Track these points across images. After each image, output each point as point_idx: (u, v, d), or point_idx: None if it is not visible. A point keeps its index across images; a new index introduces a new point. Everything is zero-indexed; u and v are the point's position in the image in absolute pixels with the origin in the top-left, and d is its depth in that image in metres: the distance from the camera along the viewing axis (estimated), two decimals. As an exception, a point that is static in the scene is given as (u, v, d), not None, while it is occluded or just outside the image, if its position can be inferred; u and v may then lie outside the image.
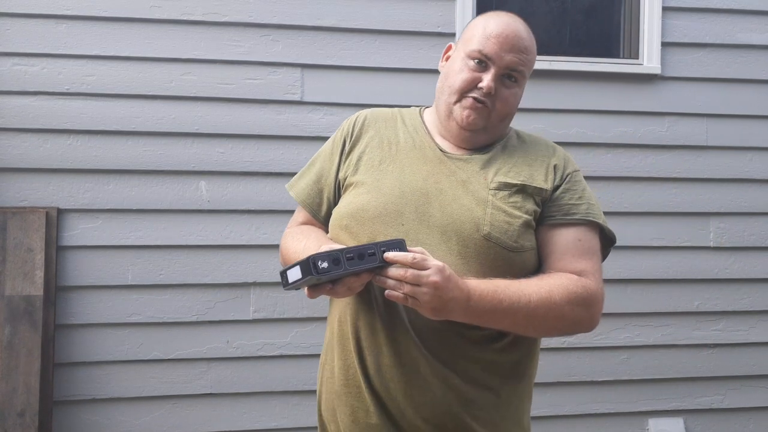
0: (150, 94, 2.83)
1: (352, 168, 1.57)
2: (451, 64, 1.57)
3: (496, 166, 1.53)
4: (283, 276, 1.31)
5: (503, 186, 1.50)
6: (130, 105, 2.82)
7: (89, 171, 2.79)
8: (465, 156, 1.55)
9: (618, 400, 3.14)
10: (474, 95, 1.52)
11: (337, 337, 1.52)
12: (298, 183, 1.69)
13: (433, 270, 1.29)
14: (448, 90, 1.55)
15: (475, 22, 1.59)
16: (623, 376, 3.14)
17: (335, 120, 2.86)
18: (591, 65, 3.13)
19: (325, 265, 1.26)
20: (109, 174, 2.80)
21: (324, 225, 1.62)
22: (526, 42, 1.54)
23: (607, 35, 3.29)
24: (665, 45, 3.16)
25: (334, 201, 1.60)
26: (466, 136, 1.55)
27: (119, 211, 2.80)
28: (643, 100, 3.16)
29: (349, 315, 1.49)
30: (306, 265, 1.26)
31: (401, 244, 1.32)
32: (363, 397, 1.47)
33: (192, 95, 2.86)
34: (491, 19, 1.55)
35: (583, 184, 1.58)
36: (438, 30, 3.01)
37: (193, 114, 2.86)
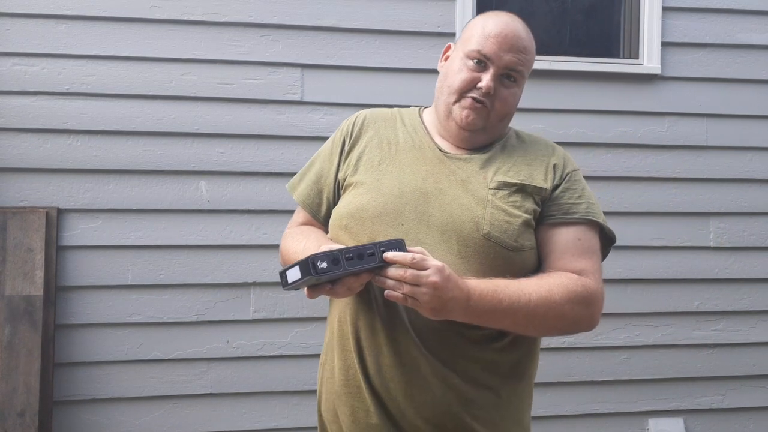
0: (150, 94, 2.83)
1: (351, 168, 1.57)
2: (450, 64, 1.57)
3: (495, 165, 1.53)
4: (283, 276, 1.31)
5: (503, 185, 1.50)
6: (130, 105, 2.82)
7: (89, 171, 2.79)
8: (464, 156, 1.55)
9: (618, 400, 3.14)
10: (473, 95, 1.52)
11: (337, 338, 1.52)
12: (297, 184, 1.69)
13: (433, 270, 1.28)
14: (447, 90, 1.55)
15: (474, 22, 1.59)
16: (623, 376, 3.14)
17: (335, 120, 2.86)
18: (591, 65, 3.12)
19: (325, 266, 1.26)
20: (109, 174, 2.80)
21: (324, 225, 1.62)
22: (525, 42, 1.54)
23: (607, 35, 3.28)
24: (665, 45, 3.16)
25: (333, 201, 1.60)
26: (465, 136, 1.55)
27: (119, 211, 2.80)
28: (643, 100, 3.16)
29: (349, 315, 1.49)
30: (305, 266, 1.25)
31: (401, 244, 1.31)
32: (363, 397, 1.47)
33: (192, 95, 2.86)
34: (490, 19, 1.55)
35: (583, 183, 1.58)
36: (438, 30, 3.01)
37: (193, 114, 2.86)
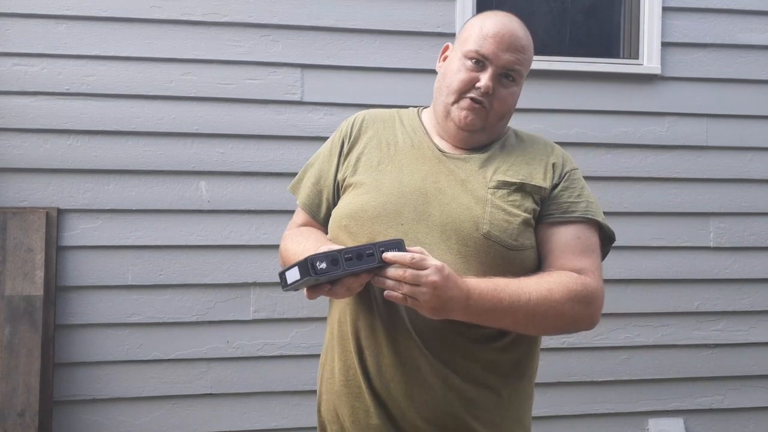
0: (150, 94, 2.83)
1: (350, 169, 1.57)
2: (449, 64, 1.57)
3: (494, 165, 1.53)
4: (282, 277, 1.31)
5: (502, 185, 1.50)
6: (130, 105, 2.82)
7: (89, 171, 2.79)
8: (463, 155, 1.55)
9: (618, 400, 3.13)
10: (472, 95, 1.52)
11: (337, 338, 1.52)
12: (298, 185, 1.69)
13: (432, 270, 1.28)
14: (445, 90, 1.55)
15: (472, 22, 1.59)
16: (623, 376, 3.14)
17: (335, 120, 2.86)
18: (591, 65, 3.12)
19: (324, 266, 1.25)
20: (109, 174, 2.80)
21: (323, 226, 1.62)
22: (523, 41, 1.54)
23: (607, 35, 3.28)
24: (665, 45, 3.15)
25: (333, 202, 1.60)
26: (464, 136, 1.55)
27: (119, 211, 2.80)
28: (643, 100, 3.16)
29: (349, 315, 1.48)
30: (304, 266, 1.25)
31: (400, 244, 1.31)
32: (363, 398, 1.46)
33: (192, 95, 2.86)
34: (488, 19, 1.55)
35: (582, 182, 1.58)
36: (438, 30, 3.01)
37: (193, 114, 2.86)
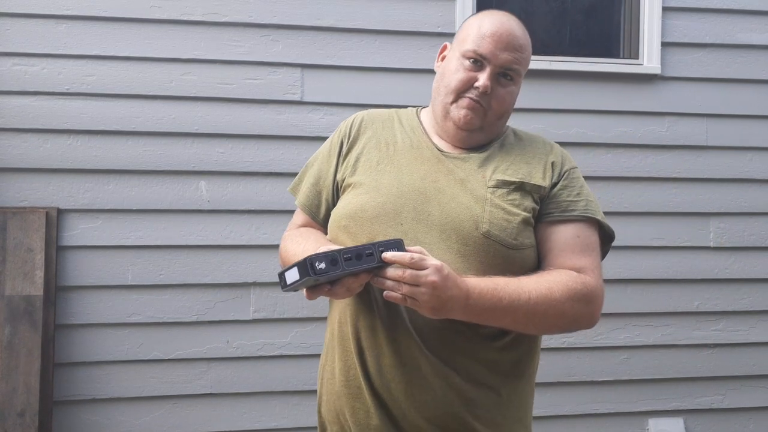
0: (150, 94, 2.83)
1: (350, 169, 1.57)
2: (447, 64, 1.57)
3: (494, 164, 1.53)
4: (281, 278, 1.30)
5: (501, 184, 1.50)
6: (130, 105, 2.82)
7: (89, 171, 2.79)
8: (463, 155, 1.55)
9: (618, 400, 3.13)
10: (470, 95, 1.52)
11: (338, 338, 1.52)
12: (297, 186, 1.69)
13: (432, 270, 1.28)
14: (444, 90, 1.55)
15: (470, 21, 1.59)
16: (623, 376, 3.13)
17: (335, 120, 2.86)
18: (591, 65, 3.12)
19: (323, 266, 1.25)
20: (109, 174, 2.80)
21: (323, 227, 1.62)
22: (521, 40, 1.54)
23: (607, 35, 3.28)
24: (665, 45, 3.15)
25: (332, 202, 1.60)
26: (463, 135, 1.55)
27: (119, 211, 2.80)
28: (643, 100, 3.16)
29: (349, 316, 1.48)
30: (303, 267, 1.25)
31: (399, 244, 1.31)
32: (364, 398, 1.46)
33: (192, 95, 2.86)
34: (486, 18, 1.55)
35: (581, 180, 1.58)
36: (438, 30, 3.01)
37: (193, 114, 2.86)
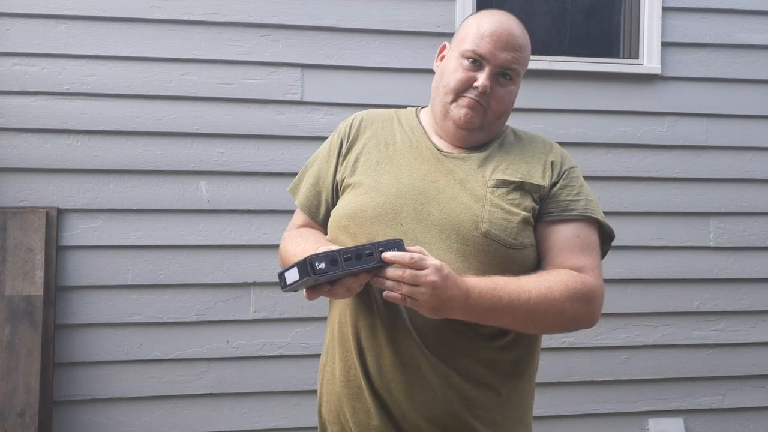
0: (150, 94, 2.83)
1: (349, 169, 1.57)
2: (446, 63, 1.57)
3: (493, 163, 1.53)
4: (281, 278, 1.30)
5: (501, 183, 1.50)
6: (130, 105, 2.82)
7: (89, 171, 2.79)
8: (462, 154, 1.55)
9: (618, 400, 3.13)
10: (469, 95, 1.51)
11: (338, 339, 1.52)
12: (297, 186, 1.69)
13: (431, 269, 1.28)
14: (443, 90, 1.55)
15: (469, 21, 1.59)
16: (623, 376, 3.13)
17: (335, 120, 2.86)
18: (591, 65, 3.12)
19: (323, 266, 1.25)
20: (109, 174, 2.80)
21: (323, 227, 1.62)
22: (520, 40, 1.53)
23: (607, 35, 3.28)
24: (665, 45, 3.15)
25: (332, 203, 1.60)
26: (462, 135, 1.55)
27: (119, 211, 2.80)
28: (643, 100, 3.16)
29: (349, 316, 1.48)
30: (303, 267, 1.25)
31: (399, 244, 1.31)
32: (364, 399, 1.46)
33: (192, 95, 2.86)
34: (484, 18, 1.55)
35: (581, 180, 1.58)
36: (438, 30, 3.01)
37: (193, 114, 2.86)
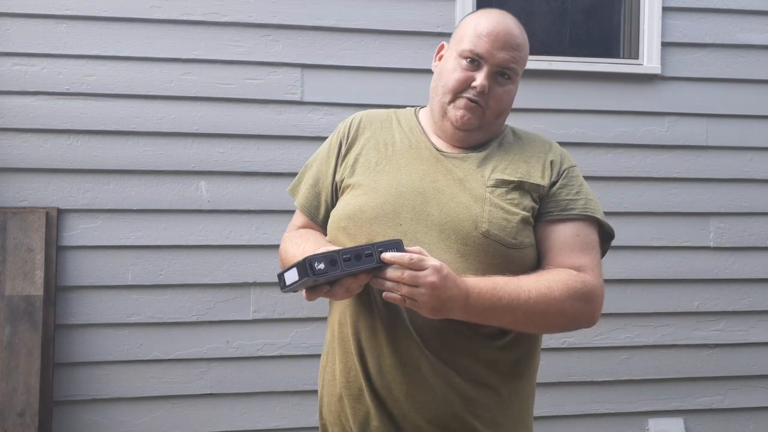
0: (150, 94, 2.83)
1: (348, 170, 1.57)
2: (444, 63, 1.57)
3: (492, 163, 1.53)
4: (281, 278, 1.30)
5: (500, 183, 1.49)
6: (130, 105, 2.82)
7: (89, 171, 2.79)
8: (461, 154, 1.55)
9: (618, 400, 3.13)
10: (468, 95, 1.51)
11: (338, 339, 1.51)
12: (296, 187, 1.69)
13: (431, 270, 1.28)
14: (441, 90, 1.55)
15: (467, 20, 1.58)
16: (623, 376, 3.13)
17: (335, 120, 2.86)
18: (591, 65, 3.12)
19: (322, 267, 1.25)
20: (109, 174, 2.80)
21: (323, 228, 1.61)
22: (518, 39, 1.53)
23: (607, 35, 3.28)
24: (665, 45, 3.15)
25: (331, 203, 1.60)
26: (461, 135, 1.55)
27: (119, 211, 2.80)
28: (643, 100, 3.15)
29: (349, 317, 1.48)
30: (302, 267, 1.25)
31: (399, 244, 1.30)
32: (364, 399, 1.46)
33: (192, 95, 2.86)
34: (482, 18, 1.55)
35: (581, 179, 1.57)
36: (438, 30, 3.01)
37: (193, 114, 2.86)
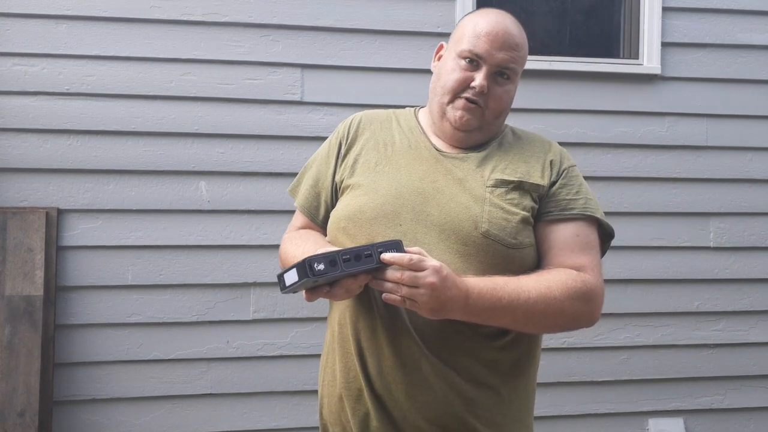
0: (150, 94, 2.83)
1: (348, 171, 1.57)
2: (443, 63, 1.57)
3: (492, 163, 1.53)
4: (280, 279, 1.30)
5: (500, 183, 1.49)
6: (130, 105, 2.82)
7: (89, 171, 2.79)
8: (461, 154, 1.55)
9: (618, 400, 3.13)
10: (466, 95, 1.51)
11: (338, 340, 1.51)
12: (296, 188, 1.69)
13: (430, 271, 1.28)
14: (440, 90, 1.55)
15: (465, 20, 1.58)
16: (623, 376, 3.13)
17: (335, 120, 2.86)
18: (591, 65, 3.12)
19: (321, 267, 1.25)
20: (109, 174, 2.80)
21: (323, 229, 1.61)
22: (517, 39, 1.53)
23: (607, 35, 3.28)
24: (665, 45, 3.15)
25: (331, 204, 1.60)
26: (460, 136, 1.54)
27: (119, 211, 2.80)
28: (643, 100, 3.15)
29: (349, 317, 1.48)
30: (302, 268, 1.25)
31: (398, 244, 1.30)
32: (364, 400, 1.46)
33: (192, 95, 2.86)
34: (481, 18, 1.54)
35: (580, 179, 1.57)
36: (438, 30, 3.00)
37: (193, 114, 2.86)
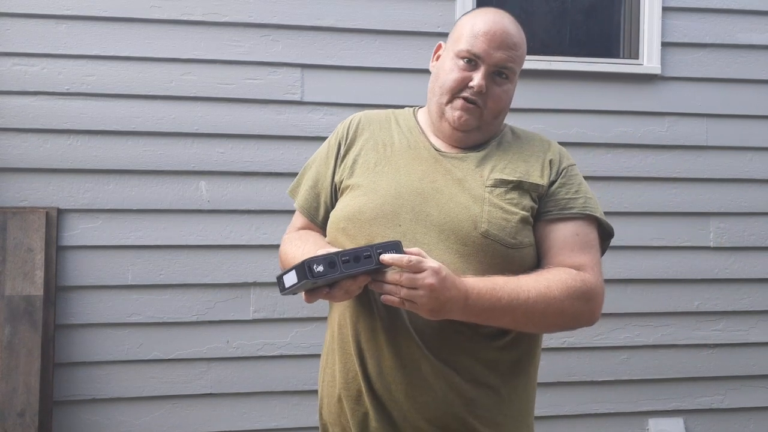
0: (150, 94, 2.83)
1: (347, 171, 1.57)
2: (441, 63, 1.57)
3: (491, 163, 1.53)
4: (280, 281, 1.30)
5: (499, 183, 1.49)
6: (130, 105, 2.82)
7: (89, 171, 2.79)
8: (460, 154, 1.54)
9: (618, 400, 3.13)
10: (465, 95, 1.51)
11: (338, 341, 1.51)
12: (296, 188, 1.69)
13: (429, 272, 1.28)
14: (439, 90, 1.55)
15: (463, 20, 1.58)
16: (623, 376, 3.14)
17: (335, 120, 2.85)
18: (591, 65, 3.12)
19: (321, 269, 1.25)
20: (109, 174, 2.80)
21: (322, 229, 1.61)
22: (515, 38, 1.53)
23: (607, 35, 3.28)
24: (665, 45, 3.15)
25: (331, 204, 1.60)
26: (459, 136, 1.54)
27: (119, 211, 2.80)
28: (643, 100, 3.15)
29: (349, 318, 1.48)
30: (301, 269, 1.25)
31: (398, 245, 1.30)
32: (364, 401, 1.46)
33: (192, 95, 2.86)
34: (479, 17, 1.54)
35: (579, 178, 1.57)
36: (438, 30, 3.00)
37: (193, 114, 2.86)
